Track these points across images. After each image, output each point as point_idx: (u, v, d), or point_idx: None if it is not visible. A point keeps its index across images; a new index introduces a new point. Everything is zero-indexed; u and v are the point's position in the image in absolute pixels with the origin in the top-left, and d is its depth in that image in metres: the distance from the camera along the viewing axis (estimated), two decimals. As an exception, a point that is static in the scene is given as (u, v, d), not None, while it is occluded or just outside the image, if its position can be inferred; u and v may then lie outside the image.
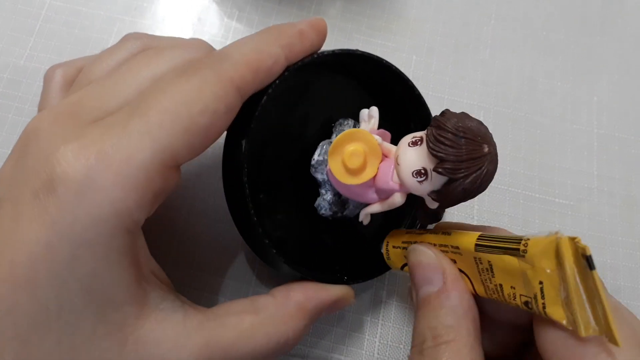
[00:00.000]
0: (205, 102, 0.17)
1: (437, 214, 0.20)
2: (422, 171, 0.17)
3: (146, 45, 0.21)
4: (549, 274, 0.14)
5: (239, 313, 0.19)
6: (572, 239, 0.14)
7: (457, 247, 0.18)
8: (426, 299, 0.18)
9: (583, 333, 0.14)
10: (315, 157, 0.21)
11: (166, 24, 0.32)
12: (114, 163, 0.15)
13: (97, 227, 0.15)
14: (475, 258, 0.17)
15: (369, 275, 0.23)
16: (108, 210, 0.15)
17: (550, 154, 0.31)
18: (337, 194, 0.21)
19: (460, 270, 0.18)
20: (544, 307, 0.15)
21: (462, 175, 0.16)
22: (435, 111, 0.31)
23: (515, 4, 0.35)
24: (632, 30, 0.35)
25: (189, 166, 0.28)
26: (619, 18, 0.35)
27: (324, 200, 0.22)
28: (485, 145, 0.16)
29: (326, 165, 0.21)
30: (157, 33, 0.30)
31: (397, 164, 0.18)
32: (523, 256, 0.15)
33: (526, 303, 0.15)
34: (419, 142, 0.17)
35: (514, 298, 0.16)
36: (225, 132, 0.21)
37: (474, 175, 0.16)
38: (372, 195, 0.20)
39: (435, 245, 0.19)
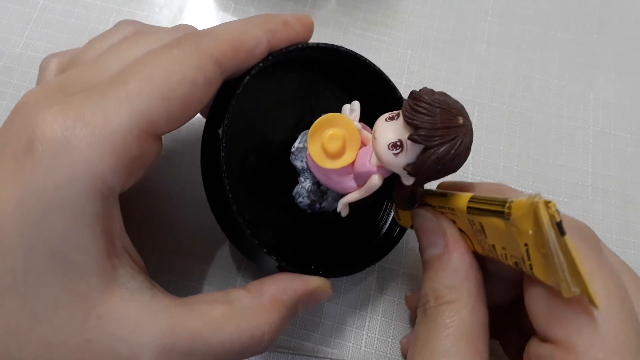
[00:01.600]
0: (184, 71, 0.17)
1: (413, 198, 0.20)
2: (398, 143, 0.17)
3: (138, 31, 0.22)
4: (532, 236, 0.14)
5: (210, 302, 0.18)
6: (547, 203, 0.14)
7: (453, 209, 0.18)
8: (430, 261, 0.19)
9: (565, 294, 0.14)
10: (296, 144, 0.21)
11: (162, 15, 0.32)
12: (91, 126, 0.16)
13: (69, 187, 0.15)
14: (469, 220, 0.17)
15: (348, 271, 0.22)
16: (82, 170, 0.15)
17: (545, 150, 0.31)
18: (316, 183, 0.21)
19: (461, 231, 0.18)
20: (531, 268, 0.15)
21: (436, 142, 0.16)
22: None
23: (512, 1, 0.35)
24: (630, 28, 0.35)
25: (178, 156, 0.28)
26: (617, 15, 0.35)
27: (302, 188, 0.21)
28: (460, 117, 0.16)
29: (306, 152, 0.21)
30: (153, 24, 0.30)
31: (373, 139, 0.18)
32: (508, 219, 0.15)
33: (516, 263, 0.16)
34: (396, 117, 0.17)
35: (506, 258, 0.16)
36: (204, 122, 0.21)
37: (448, 144, 0.16)
38: (350, 183, 0.19)
39: (435, 207, 0.19)
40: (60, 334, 0.16)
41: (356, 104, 0.20)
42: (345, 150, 0.19)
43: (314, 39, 0.22)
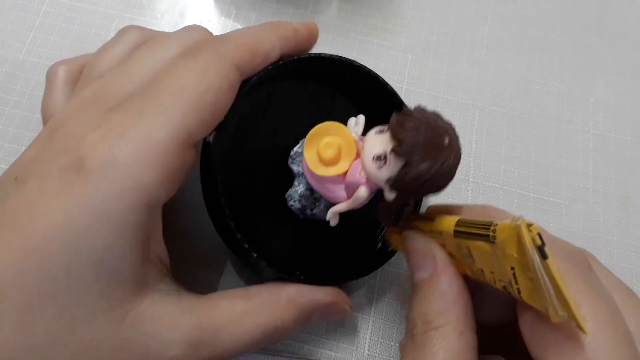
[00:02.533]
0: (210, 80, 0.18)
1: (398, 215, 0.20)
2: (382, 156, 0.17)
3: (146, 36, 0.22)
4: (517, 259, 0.14)
5: (231, 298, 0.20)
6: (529, 226, 0.13)
7: (441, 233, 0.18)
8: (418, 284, 0.19)
9: (552, 319, 0.14)
10: (295, 148, 0.22)
11: (164, 21, 0.32)
12: (134, 142, 0.17)
13: (117, 201, 0.16)
14: (457, 243, 0.17)
15: (346, 277, 0.23)
16: (129, 185, 0.16)
17: (545, 153, 0.31)
18: (309, 189, 0.21)
19: (451, 254, 0.18)
20: (519, 292, 0.15)
21: (416, 158, 0.16)
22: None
23: (511, 4, 0.35)
24: (629, 31, 0.35)
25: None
26: (616, 18, 0.35)
27: (295, 192, 0.22)
28: (447, 138, 0.16)
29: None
30: (156, 30, 0.30)
31: (362, 149, 0.18)
32: (494, 242, 0.15)
33: (504, 287, 0.15)
34: (385, 131, 0.18)
35: (495, 282, 0.16)
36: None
37: (429, 162, 0.16)
38: (341, 192, 0.20)
39: (424, 231, 0.19)
40: (97, 337, 0.16)
41: (361, 118, 0.20)
42: (339, 159, 0.19)
43: (315, 44, 0.23)
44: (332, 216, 0.20)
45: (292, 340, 0.25)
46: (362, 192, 0.19)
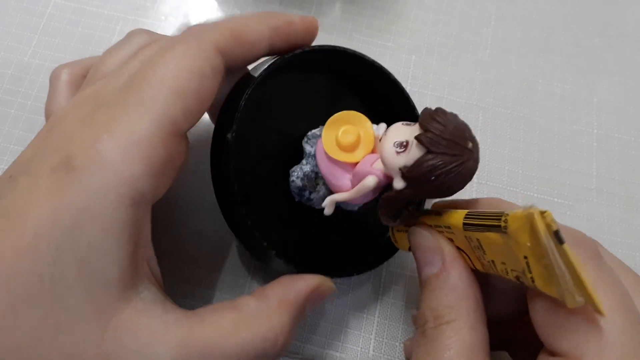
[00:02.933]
0: (190, 65, 0.18)
1: (397, 213, 0.20)
2: (404, 142, 0.17)
3: (153, 39, 0.22)
4: (530, 248, 0.14)
5: (218, 311, 0.19)
6: (542, 213, 0.13)
7: (449, 227, 0.18)
8: (427, 280, 0.19)
9: (569, 304, 0.14)
10: (314, 131, 0.22)
11: (168, 23, 0.32)
12: (117, 136, 0.16)
13: (100, 196, 0.16)
14: (466, 237, 0.17)
15: (353, 270, 0.23)
16: (112, 179, 0.16)
17: (549, 154, 0.31)
18: (314, 171, 0.21)
19: (459, 248, 0.18)
20: (533, 281, 0.15)
21: (438, 150, 0.16)
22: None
23: (515, 5, 0.35)
24: (632, 31, 0.35)
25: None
26: (619, 19, 0.36)
27: (300, 170, 0.21)
28: (470, 142, 0.17)
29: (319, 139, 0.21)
30: (159, 32, 0.30)
31: (384, 136, 0.18)
32: (505, 232, 0.15)
33: (517, 277, 0.15)
34: (412, 124, 0.18)
35: (507, 273, 0.16)
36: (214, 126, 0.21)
37: (449, 157, 0.16)
38: (345, 181, 0.20)
39: (431, 226, 0.19)
40: (80, 345, 0.16)
41: (383, 125, 0.20)
42: (356, 148, 0.19)
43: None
44: (329, 203, 0.20)
45: (296, 341, 0.25)
46: (370, 181, 0.18)
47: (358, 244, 0.24)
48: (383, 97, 0.24)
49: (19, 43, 0.31)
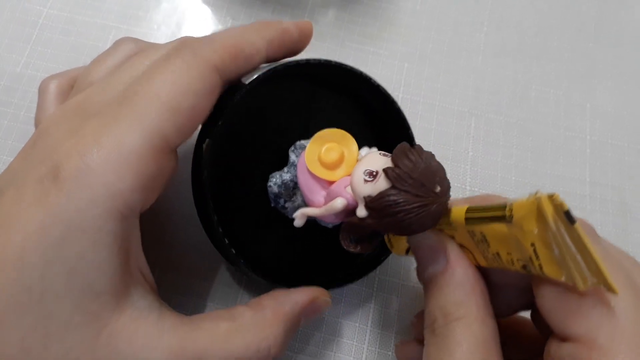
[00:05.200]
0: (186, 83, 0.18)
1: (357, 241, 0.20)
2: (374, 172, 0.17)
3: (140, 48, 0.22)
4: (538, 234, 0.14)
5: (213, 319, 0.19)
6: (551, 196, 0.13)
7: (450, 224, 0.18)
8: (432, 279, 0.19)
9: (582, 287, 0.14)
10: (302, 141, 0.22)
11: (161, 32, 0.32)
12: (107, 149, 0.16)
13: (89, 209, 0.16)
14: (469, 231, 0.17)
15: (341, 282, 0.23)
16: (101, 192, 0.16)
17: (542, 160, 0.31)
18: (294, 181, 0.21)
19: (461, 245, 0.18)
20: (541, 268, 0.15)
21: (402, 187, 0.16)
22: (426, 117, 0.32)
23: (508, 11, 0.35)
24: (627, 37, 0.35)
25: (178, 173, 0.28)
26: (614, 25, 0.35)
27: (279, 177, 0.21)
28: (439, 187, 0.17)
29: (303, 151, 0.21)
30: (152, 41, 0.30)
31: (359, 161, 0.18)
32: (510, 221, 0.15)
33: (524, 266, 0.15)
34: (388, 156, 0.18)
35: (513, 263, 0.16)
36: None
37: (412, 197, 0.16)
38: (319, 197, 0.20)
39: None
40: (71, 353, 0.16)
41: (374, 150, 0.20)
42: (336, 167, 0.19)
43: (311, 53, 0.23)
44: (299, 215, 0.20)
45: (289, 352, 0.25)
46: (338, 203, 0.18)
47: (338, 256, 0.24)
48: (377, 113, 0.24)
49: (12, 53, 0.31)
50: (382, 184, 0.17)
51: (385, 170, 0.17)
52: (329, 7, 0.34)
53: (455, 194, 0.29)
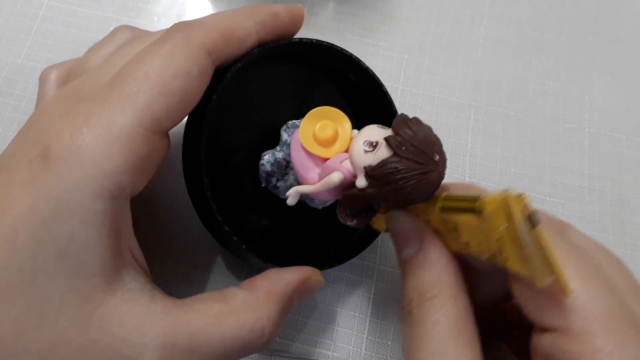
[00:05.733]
0: (177, 65, 0.18)
1: (353, 215, 0.20)
2: (374, 143, 0.17)
3: (136, 35, 0.22)
4: (504, 230, 0.14)
5: (206, 301, 0.19)
6: (519, 196, 0.14)
7: (426, 209, 0.18)
8: (407, 261, 0.19)
9: (538, 284, 0.14)
10: (295, 120, 0.22)
11: (161, 24, 0.32)
12: (96, 129, 0.16)
13: (78, 189, 0.16)
14: (442, 219, 0.17)
15: (334, 262, 0.23)
16: (90, 172, 0.16)
17: (541, 152, 0.31)
18: (286, 160, 0.21)
19: (435, 230, 0.19)
20: (505, 262, 0.15)
21: (404, 155, 0.16)
22: (425, 109, 0.32)
23: (507, 5, 0.35)
24: (625, 31, 0.35)
25: (178, 164, 0.29)
26: (612, 18, 0.36)
27: (272, 156, 0.22)
28: (438, 155, 0.17)
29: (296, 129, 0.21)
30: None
31: (357, 134, 0.19)
32: (480, 214, 0.15)
33: (490, 258, 0.16)
34: (386, 128, 0.18)
35: (481, 254, 0.16)
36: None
37: (413, 164, 0.16)
38: (313, 175, 0.20)
39: (408, 209, 0.19)
40: (64, 334, 0.16)
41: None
42: (330, 144, 0.20)
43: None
44: (293, 193, 0.20)
45: (289, 341, 0.25)
46: (335, 177, 0.18)
47: (331, 236, 0.24)
48: (363, 93, 0.24)
49: (13, 45, 0.31)
50: (383, 152, 0.17)
51: (386, 139, 0.17)
52: (329, 0, 0.34)
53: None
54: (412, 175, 0.16)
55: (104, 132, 0.16)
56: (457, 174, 0.30)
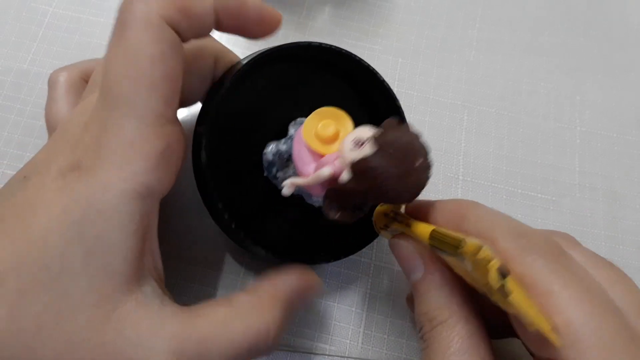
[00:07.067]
0: (149, 52, 0.17)
1: (338, 208, 0.20)
2: (362, 141, 0.18)
3: None
4: (488, 282, 0.14)
5: (212, 306, 0.19)
6: (487, 260, 0.14)
7: (419, 239, 0.19)
8: (415, 287, 0.19)
9: (528, 328, 0.14)
10: (302, 118, 0.23)
11: (162, 30, 0.33)
12: (114, 140, 0.17)
13: (106, 192, 0.17)
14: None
15: (334, 257, 0.24)
16: (115, 177, 0.17)
17: (533, 151, 0.32)
18: (288, 152, 0.22)
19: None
20: (497, 302, 0.15)
21: (386, 153, 0.17)
22: (420, 110, 0.32)
23: (499, 8, 0.36)
24: (615, 32, 0.36)
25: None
26: (602, 20, 0.36)
27: (276, 146, 0.22)
28: (421, 160, 0.17)
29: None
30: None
31: (350, 132, 0.19)
32: (462, 261, 0.15)
33: (484, 294, 0.16)
34: (379, 129, 0.19)
35: (476, 286, 0.16)
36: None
37: (394, 165, 0.17)
38: (309, 168, 0.21)
39: (407, 233, 0.20)
40: (81, 333, 0.17)
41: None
42: (330, 142, 0.20)
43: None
44: (289, 184, 0.21)
45: (287, 335, 0.26)
46: (324, 171, 0.19)
47: (333, 233, 0.25)
48: (369, 94, 0.25)
49: (19, 51, 0.32)
50: (367, 149, 0.18)
51: (372, 137, 0.18)
52: (325, 4, 0.35)
53: (448, 183, 0.30)
54: (389, 174, 0.17)
55: (119, 140, 0.17)
56: (450, 173, 0.31)
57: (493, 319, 0.18)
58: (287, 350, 0.26)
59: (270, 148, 0.23)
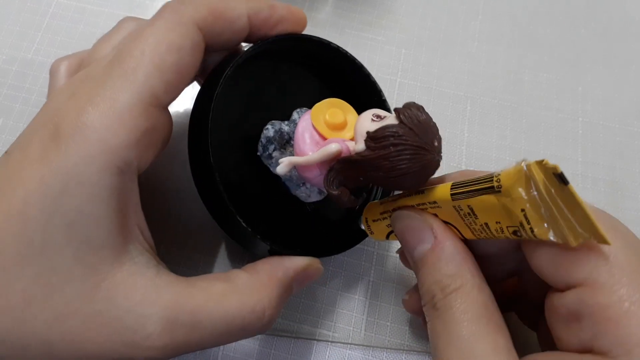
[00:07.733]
0: (170, 40, 0.18)
1: (340, 182, 0.20)
2: (382, 115, 0.19)
3: (141, 25, 0.23)
4: (528, 199, 0.15)
5: (209, 279, 0.19)
6: (540, 162, 0.14)
7: (435, 202, 0.18)
8: (423, 257, 0.19)
9: (574, 243, 0.15)
10: (305, 108, 0.23)
11: (166, 20, 0.34)
12: (100, 106, 0.17)
13: (86, 164, 0.17)
14: (454, 207, 0.18)
15: (334, 250, 0.24)
16: (97, 148, 0.17)
17: (535, 141, 0.32)
18: (289, 135, 0.22)
19: (444, 222, 0.19)
20: (532, 231, 0.15)
21: (408, 125, 0.17)
22: (423, 101, 0.33)
23: (502, 0, 0.36)
24: (616, 24, 0.36)
25: (184, 152, 0.29)
26: (602, 12, 0.37)
27: (279, 124, 0.22)
28: (436, 142, 0.18)
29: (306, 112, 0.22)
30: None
31: (366, 111, 0.20)
32: (499, 191, 0.15)
33: (515, 232, 0.16)
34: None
35: (502, 231, 0.17)
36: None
37: (413, 136, 0.17)
38: (308, 150, 0.21)
39: (413, 206, 0.20)
40: (72, 304, 0.17)
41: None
42: (337, 129, 0.21)
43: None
44: (286, 162, 0.20)
45: (290, 321, 0.26)
46: (332, 147, 0.19)
47: (337, 226, 0.25)
48: (356, 88, 0.26)
49: (23, 41, 0.32)
50: (389, 120, 0.18)
51: (396, 109, 0.18)
52: (328, -4, 0.35)
53: (451, 173, 0.31)
54: (410, 145, 0.17)
55: (107, 109, 0.17)
56: (453, 163, 0.31)
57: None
58: (290, 336, 0.26)
59: (272, 126, 0.22)
